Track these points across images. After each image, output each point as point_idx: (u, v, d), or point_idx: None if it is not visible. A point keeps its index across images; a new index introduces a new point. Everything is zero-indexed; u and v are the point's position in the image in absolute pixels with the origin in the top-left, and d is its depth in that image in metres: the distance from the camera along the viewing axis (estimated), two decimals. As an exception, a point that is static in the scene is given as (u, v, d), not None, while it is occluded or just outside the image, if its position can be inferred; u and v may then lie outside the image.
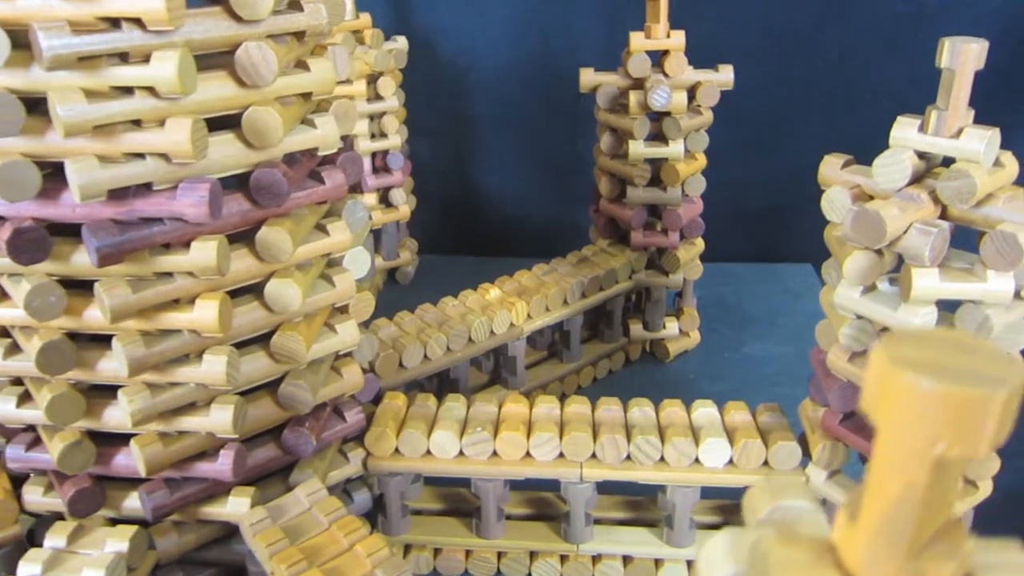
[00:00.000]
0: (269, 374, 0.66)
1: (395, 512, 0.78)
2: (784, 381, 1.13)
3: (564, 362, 1.08)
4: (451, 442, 0.74)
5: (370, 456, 0.76)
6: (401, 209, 1.35)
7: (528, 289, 1.02)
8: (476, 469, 0.75)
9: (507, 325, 0.96)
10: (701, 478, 0.74)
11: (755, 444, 0.72)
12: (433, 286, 1.42)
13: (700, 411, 0.78)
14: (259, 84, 0.57)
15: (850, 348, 0.66)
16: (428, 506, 0.83)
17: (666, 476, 0.74)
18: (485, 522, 0.78)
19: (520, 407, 0.79)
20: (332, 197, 0.66)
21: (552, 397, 0.80)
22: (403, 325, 0.94)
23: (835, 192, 0.64)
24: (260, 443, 0.69)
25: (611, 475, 0.74)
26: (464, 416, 0.78)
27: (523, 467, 0.75)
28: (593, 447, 0.74)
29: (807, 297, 1.37)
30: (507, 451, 0.74)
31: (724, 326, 1.28)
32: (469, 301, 0.99)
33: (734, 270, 1.45)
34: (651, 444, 0.73)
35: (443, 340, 0.91)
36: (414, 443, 0.75)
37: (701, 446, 0.73)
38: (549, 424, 0.75)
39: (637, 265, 1.10)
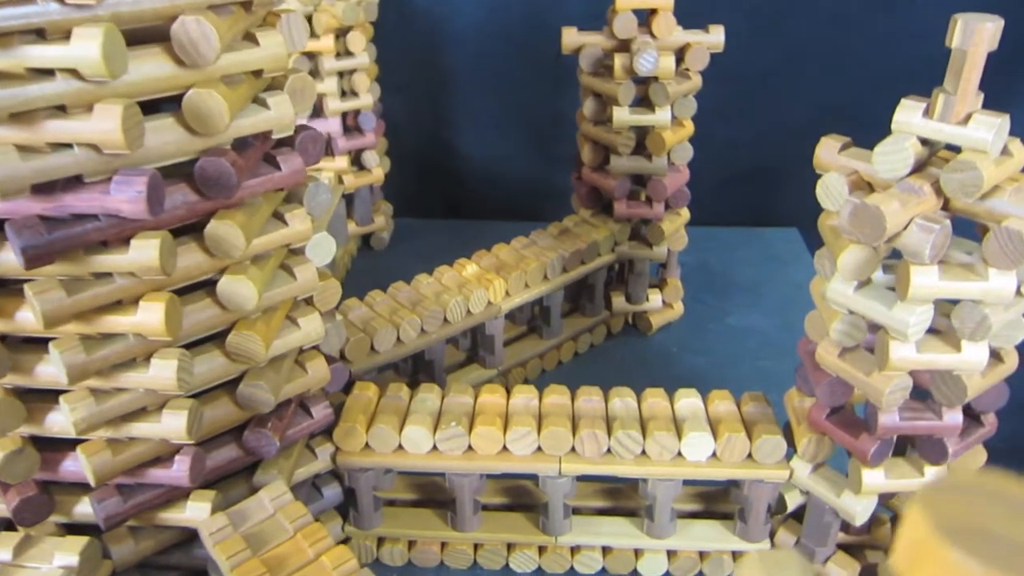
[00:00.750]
0: (226, 374, 0.62)
1: (367, 506, 0.75)
2: (768, 354, 1.10)
3: (544, 338, 1.05)
4: (424, 437, 0.71)
5: (339, 452, 0.72)
6: (374, 172, 1.30)
7: (507, 264, 0.98)
8: (451, 464, 0.72)
9: (484, 304, 0.92)
10: (683, 472, 0.71)
11: (739, 438, 0.69)
12: (410, 251, 1.37)
13: (683, 401, 0.75)
14: (199, 63, 0.52)
15: (841, 343, 0.63)
16: (402, 496, 0.80)
17: (647, 470, 0.71)
18: (460, 516, 0.75)
19: (496, 398, 0.75)
20: (290, 183, 0.61)
21: (531, 388, 0.77)
22: (375, 306, 0.90)
23: (832, 179, 0.60)
24: (220, 443, 0.66)
25: (591, 469, 0.71)
26: (438, 408, 0.75)
27: (499, 462, 0.71)
28: (572, 441, 0.71)
29: (794, 265, 1.33)
30: (483, 446, 0.71)
31: (708, 295, 1.24)
32: (445, 278, 0.95)
33: (719, 234, 1.41)
34: (632, 439, 0.70)
35: (417, 322, 0.87)
36: (385, 438, 0.71)
37: (684, 440, 0.70)
38: (527, 417, 0.72)
39: (620, 237, 1.06)
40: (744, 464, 0.70)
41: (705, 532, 0.75)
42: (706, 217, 1.25)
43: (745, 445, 0.70)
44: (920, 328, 0.57)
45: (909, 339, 0.57)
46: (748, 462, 0.70)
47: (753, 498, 0.71)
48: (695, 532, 0.75)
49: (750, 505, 0.72)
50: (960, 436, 0.63)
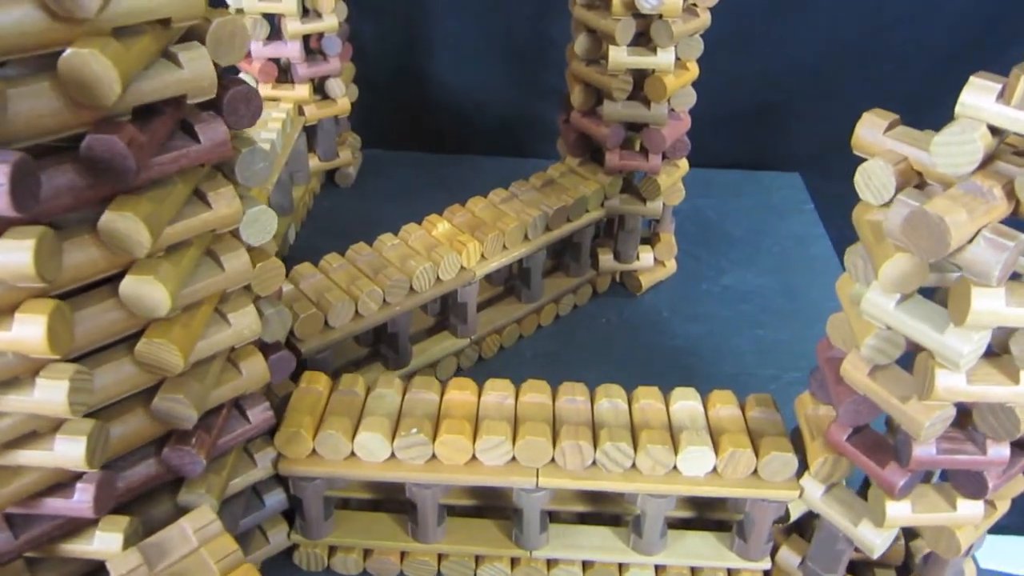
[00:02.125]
0: (137, 385, 0.52)
1: (315, 516, 0.66)
2: (767, 322, 1.01)
3: (523, 301, 0.94)
4: (380, 444, 0.61)
5: (282, 458, 0.63)
6: (340, 102, 1.16)
7: (483, 223, 0.86)
8: (411, 476, 0.62)
9: (456, 270, 0.82)
10: (678, 489, 0.62)
11: (744, 454, 0.60)
12: (379, 189, 1.25)
13: (681, 404, 0.65)
14: (76, 13, 0.39)
15: (873, 361, 0.53)
16: (358, 495, 0.71)
17: (638, 486, 0.62)
18: (422, 526, 0.66)
19: (466, 395, 0.66)
20: (212, 158, 0.49)
21: (505, 384, 0.67)
22: (331, 272, 0.79)
23: (876, 168, 0.49)
24: (137, 459, 0.56)
25: (573, 484, 0.62)
26: (398, 407, 0.65)
27: (468, 474, 0.62)
28: (552, 452, 0.61)
29: (793, 216, 1.23)
30: (449, 455, 0.62)
31: (702, 249, 1.14)
32: (412, 239, 0.84)
33: (714, 178, 1.30)
34: (622, 452, 0.61)
35: (378, 293, 0.76)
36: (335, 445, 0.61)
37: (681, 454, 0.61)
38: (500, 424, 0.62)
39: (611, 190, 0.95)
40: (748, 481, 0.62)
41: (698, 546, 0.67)
42: (701, 158, 1.13)
43: (751, 461, 0.61)
44: (974, 357, 0.47)
45: (960, 369, 0.48)
46: (753, 479, 0.62)
47: (756, 517, 0.63)
48: (687, 546, 0.67)
49: (752, 523, 0.64)
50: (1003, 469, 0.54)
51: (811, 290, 1.06)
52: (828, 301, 1.10)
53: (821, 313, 0.62)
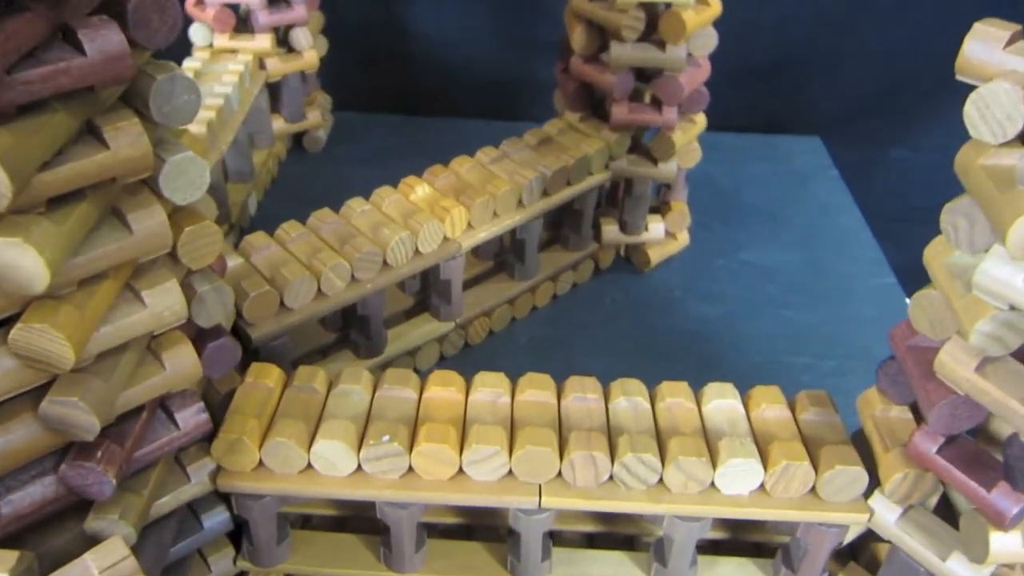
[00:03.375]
0: (23, 383, 0.39)
1: (265, 540, 0.53)
2: (794, 302, 0.89)
3: (516, 279, 0.82)
4: (343, 456, 0.49)
5: (222, 471, 0.50)
6: (306, 56, 1.03)
7: (470, 186, 0.74)
8: (383, 494, 0.50)
9: (438, 240, 0.69)
10: (716, 511, 0.50)
11: (800, 468, 0.48)
12: (352, 155, 1.12)
13: (716, 404, 0.53)
14: None
15: (985, 351, 0.41)
16: (321, 512, 0.58)
17: (666, 508, 0.50)
18: (397, 552, 0.54)
19: (451, 393, 0.53)
20: (105, 79, 0.36)
21: (499, 377, 0.54)
22: (289, 243, 0.66)
23: (997, 91, 0.37)
24: (29, 477, 0.43)
25: (584, 505, 0.50)
26: (366, 408, 0.52)
27: (453, 492, 0.50)
28: (558, 465, 0.49)
29: (817, 183, 1.11)
30: (429, 469, 0.49)
31: (716, 220, 1.02)
32: (386, 205, 0.71)
33: (727, 142, 1.17)
34: (646, 465, 0.48)
35: (344, 268, 0.63)
36: (286, 456, 0.49)
37: (720, 468, 0.48)
38: (493, 429, 0.49)
39: (617, 150, 0.82)
40: (804, 502, 0.50)
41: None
42: (711, 120, 1.01)
43: (808, 477, 0.49)
44: None
45: (1116, 364, 0.35)
46: (809, 499, 0.50)
47: (811, 544, 0.51)
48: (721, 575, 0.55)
49: (804, 551, 0.52)
50: None
51: (842, 265, 0.94)
52: (863, 278, 0.99)
53: (856, 291, 0.51)
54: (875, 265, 0.95)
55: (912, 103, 1.21)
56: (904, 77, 1.19)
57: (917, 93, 1.20)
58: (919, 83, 1.18)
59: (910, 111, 1.22)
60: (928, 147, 1.24)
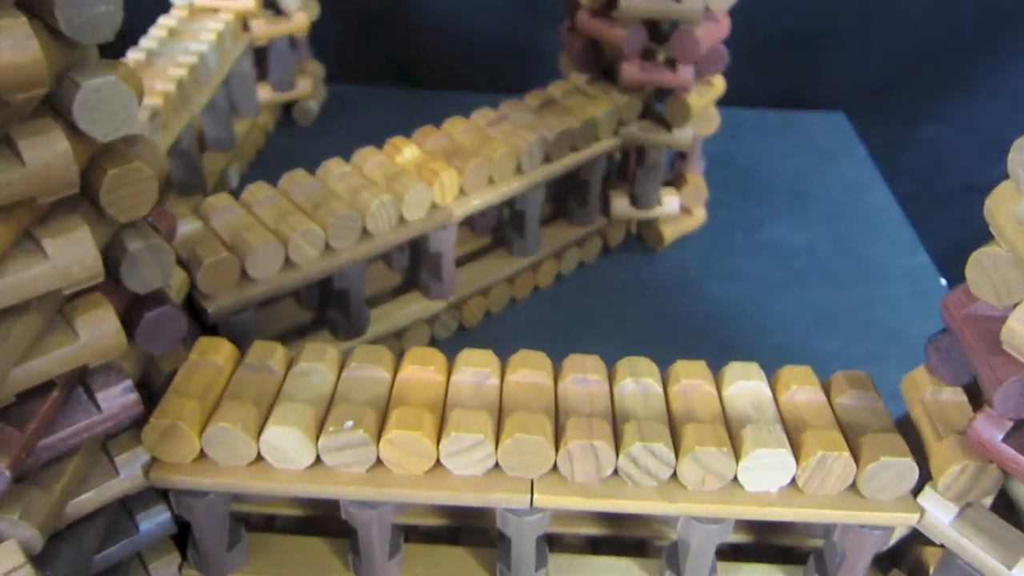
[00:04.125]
0: None
1: (213, 545, 0.46)
2: (819, 283, 0.81)
3: (515, 255, 0.74)
4: (299, 445, 0.41)
5: (156, 464, 0.43)
6: (295, 18, 0.95)
7: (463, 149, 0.66)
8: (346, 491, 0.42)
9: (426, 207, 0.61)
10: (739, 511, 0.42)
11: (839, 460, 0.40)
12: (345, 128, 1.05)
13: (739, 386, 0.45)
14: None
15: (1073, 318, 0.33)
16: (285, 512, 0.51)
17: (681, 507, 0.42)
18: (367, 559, 0.46)
19: (428, 373, 0.46)
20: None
21: (487, 356, 0.47)
22: (255, 206, 0.58)
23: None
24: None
25: (584, 504, 0.42)
26: (330, 390, 0.45)
27: (429, 488, 0.42)
28: (554, 457, 0.41)
29: (842, 159, 1.02)
30: (401, 461, 0.42)
31: (734, 196, 0.94)
32: (367, 167, 0.63)
33: (742, 118, 1.09)
34: (657, 456, 0.41)
35: (317, 234, 0.56)
36: (232, 445, 0.41)
37: (745, 460, 0.41)
38: (477, 415, 0.42)
39: (628, 114, 0.74)
40: (842, 500, 0.42)
41: (759, 587, 0.48)
42: (727, 95, 0.92)
43: (848, 470, 0.41)
44: None
45: None
46: (849, 496, 0.42)
47: (850, 548, 0.43)
48: (743, 586, 0.48)
49: (841, 556, 0.44)
50: None
51: (872, 245, 0.86)
52: (895, 257, 0.88)
53: (888, 271, 0.44)
54: (908, 244, 0.87)
55: (943, 76, 1.13)
56: (934, 48, 1.11)
57: (948, 65, 1.11)
58: (950, 54, 1.10)
59: (941, 85, 1.13)
60: (960, 125, 1.15)
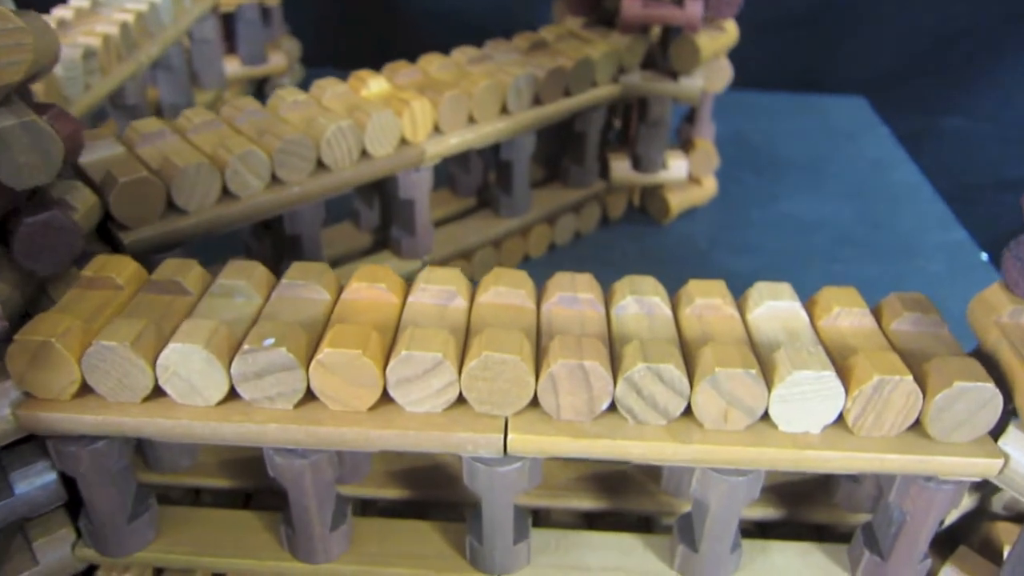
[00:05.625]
0: None
1: (108, 515, 0.36)
2: (846, 256, 0.72)
3: (502, 215, 0.66)
4: (205, 371, 0.32)
5: (28, 400, 0.33)
6: (267, -14, 0.88)
7: (439, 83, 0.58)
8: (267, 432, 0.33)
9: (394, 141, 0.53)
10: (772, 456, 0.32)
11: (900, 387, 0.31)
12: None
13: (767, 308, 0.36)
14: None
15: None
16: (212, 483, 0.42)
17: (697, 453, 0.32)
18: (303, 532, 0.37)
19: (379, 293, 0.37)
20: None
21: (453, 274, 0.38)
22: (190, 132, 0.50)
23: None
24: None
25: (573, 448, 0.33)
26: (255, 313, 0.36)
27: (375, 427, 0.33)
28: (533, 383, 0.32)
29: (866, 139, 0.94)
30: (337, 392, 0.32)
31: (747, 172, 0.86)
32: (327, 98, 0.55)
33: (754, 101, 1.02)
34: (666, 381, 0.31)
35: (261, 160, 0.48)
36: (122, 373, 0.32)
37: (779, 387, 0.31)
38: (436, 333, 0.33)
39: (628, 58, 0.66)
40: (904, 443, 0.32)
41: (796, 567, 0.38)
42: (738, 78, 0.84)
43: (911, 401, 0.31)
44: None
45: None
46: (912, 438, 0.32)
47: (912, 512, 0.34)
48: (775, 566, 0.38)
49: (900, 524, 0.34)
50: None
51: (901, 219, 0.78)
52: (928, 232, 0.75)
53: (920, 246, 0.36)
54: (941, 219, 0.78)
55: (965, 64, 1.05)
56: (959, 29, 1.03)
57: (974, 48, 1.04)
58: (976, 36, 1.02)
59: (964, 74, 1.06)
60: (986, 114, 1.07)
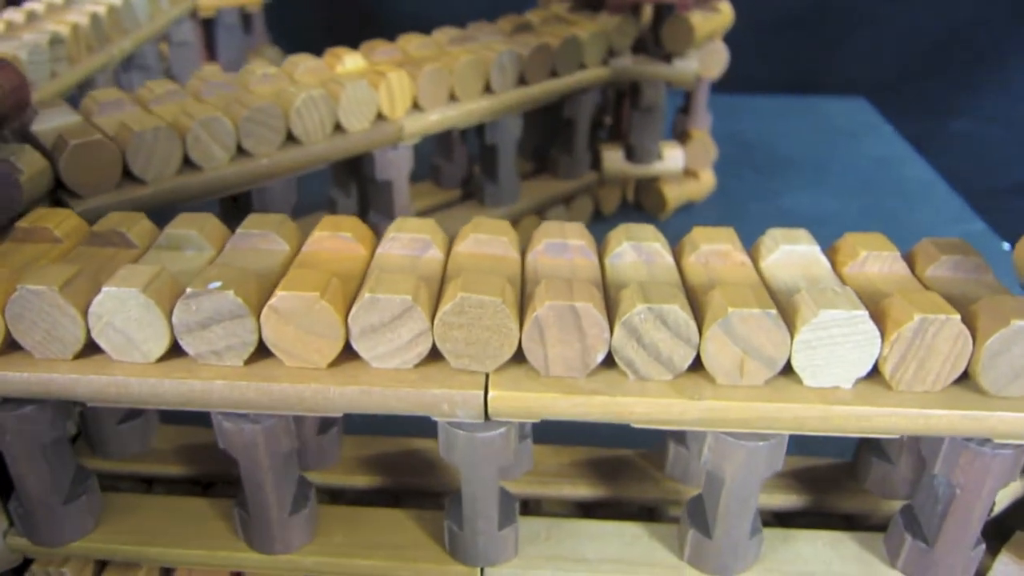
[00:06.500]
0: None
1: (39, 497, 0.32)
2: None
3: (487, 205, 0.62)
4: (145, 321, 0.28)
5: (-63, 357, 0.29)
6: (248, -13, 0.86)
7: (420, 60, 0.55)
8: (214, 390, 0.29)
9: (370, 115, 0.49)
10: (796, 414, 0.28)
11: (948, 327, 0.27)
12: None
13: (782, 253, 0.32)
14: None
15: None
16: (166, 470, 0.37)
17: (709, 410, 0.28)
18: (259, 518, 0.32)
19: (343, 243, 0.33)
20: None
21: (428, 224, 0.34)
22: (151, 103, 0.46)
23: None
24: None
25: (565, 408, 0.28)
26: (206, 264, 0.32)
27: (337, 383, 0.28)
28: (517, 331, 0.28)
29: (868, 138, 0.91)
30: (294, 346, 0.28)
31: (745, 169, 0.82)
32: (300, 71, 0.51)
33: (754, 104, 0.99)
34: (671, 327, 0.27)
35: (225, 128, 0.44)
36: (49, 323, 0.28)
37: (803, 331, 0.27)
38: (405, 278, 0.29)
39: (619, 40, 0.63)
40: (951, 398, 0.28)
41: (826, 556, 0.33)
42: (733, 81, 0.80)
43: (960, 345, 0.27)
44: None
45: None
46: (961, 392, 0.28)
47: (963, 485, 0.29)
48: (802, 556, 0.33)
49: (946, 502, 0.30)
50: None
51: (915, 212, 0.74)
52: (945, 225, 0.72)
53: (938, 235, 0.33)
54: (958, 211, 0.75)
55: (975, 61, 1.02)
56: (965, 25, 1.01)
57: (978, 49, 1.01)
58: (980, 36, 1.00)
59: (971, 72, 1.03)
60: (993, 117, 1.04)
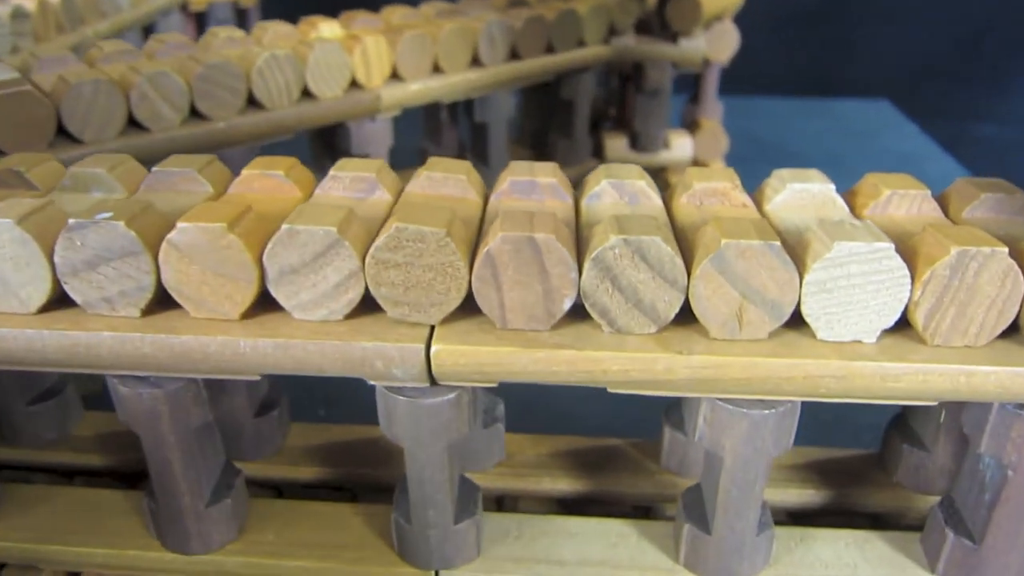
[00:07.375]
0: None
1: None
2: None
3: (479, 193, 0.57)
4: (20, 259, 0.23)
5: None
6: (241, -17, 0.83)
7: (402, 28, 0.50)
8: (102, 346, 0.24)
9: (343, 82, 0.45)
10: (809, 373, 0.23)
11: (993, 262, 0.22)
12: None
13: (790, 192, 0.28)
14: None
15: None
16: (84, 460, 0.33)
17: (701, 366, 0.23)
18: (169, 509, 0.27)
19: (275, 183, 0.28)
20: None
21: (376, 163, 0.29)
22: (100, 60, 0.42)
23: None
24: None
25: (524, 364, 0.23)
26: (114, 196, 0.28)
27: (248, 336, 0.24)
28: (467, 275, 0.23)
29: (889, 136, 0.86)
30: (199, 291, 0.23)
31: (760, 164, 0.77)
32: (268, 37, 0.47)
33: (769, 106, 0.94)
34: (651, 264, 0.22)
35: (178, 86, 0.40)
36: (-93, 262, 0.24)
37: (815, 268, 0.22)
38: (331, 211, 0.24)
39: (620, 18, 0.59)
40: (999, 353, 0.23)
41: (852, 557, 0.28)
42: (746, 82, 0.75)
43: (1011, 287, 0.22)
44: None
45: None
46: (1012, 347, 0.23)
47: (1017, 465, 0.24)
48: (821, 559, 0.28)
49: (995, 487, 0.24)
50: None
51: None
52: None
53: None
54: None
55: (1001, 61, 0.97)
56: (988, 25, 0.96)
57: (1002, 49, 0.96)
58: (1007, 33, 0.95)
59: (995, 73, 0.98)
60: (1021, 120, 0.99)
